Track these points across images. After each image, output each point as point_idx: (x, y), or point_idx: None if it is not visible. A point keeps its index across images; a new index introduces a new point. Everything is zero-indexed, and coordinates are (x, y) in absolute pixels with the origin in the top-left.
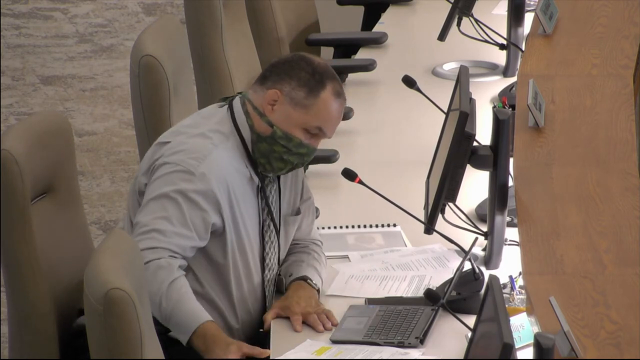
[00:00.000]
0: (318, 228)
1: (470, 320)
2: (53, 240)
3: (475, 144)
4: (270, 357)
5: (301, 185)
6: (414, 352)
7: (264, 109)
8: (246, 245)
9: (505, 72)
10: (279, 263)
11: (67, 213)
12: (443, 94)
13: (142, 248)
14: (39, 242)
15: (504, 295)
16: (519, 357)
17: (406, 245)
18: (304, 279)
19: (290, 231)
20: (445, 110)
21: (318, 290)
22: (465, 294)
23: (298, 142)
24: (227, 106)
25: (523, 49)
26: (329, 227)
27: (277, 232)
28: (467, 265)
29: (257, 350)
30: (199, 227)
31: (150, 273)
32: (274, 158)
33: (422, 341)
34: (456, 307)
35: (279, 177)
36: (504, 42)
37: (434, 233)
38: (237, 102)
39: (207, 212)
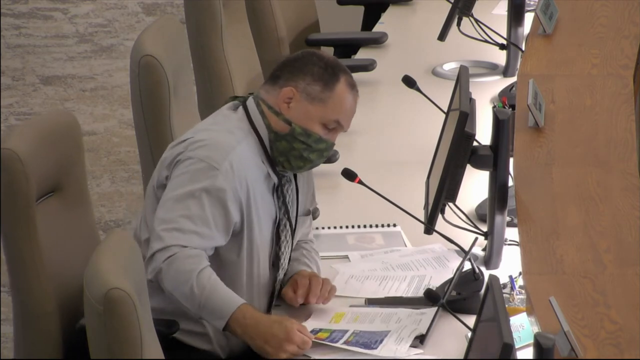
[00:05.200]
0: (317, 228)
1: (470, 320)
2: (59, 240)
3: (475, 144)
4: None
5: (312, 187)
6: (429, 312)
7: (280, 108)
8: (259, 243)
9: (505, 72)
10: (288, 262)
11: (74, 212)
12: (443, 94)
13: (163, 246)
14: (44, 241)
15: (504, 295)
16: (519, 357)
17: (406, 245)
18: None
19: (299, 232)
20: (445, 110)
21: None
22: (465, 294)
23: (317, 138)
24: (241, 107)
25: (523, 49)
26: (329, 227)
27: (293, 232)
28: (467, 265)
29: (305, 331)
30: (221, 226)
31: (178, 262)
32: (293, 156)
33: (422, 341)
34: (456, 307)
35: (295, 177)
36: (504, 42)
37: (434, 233)
38: (251, 103)
39: (230, 210)
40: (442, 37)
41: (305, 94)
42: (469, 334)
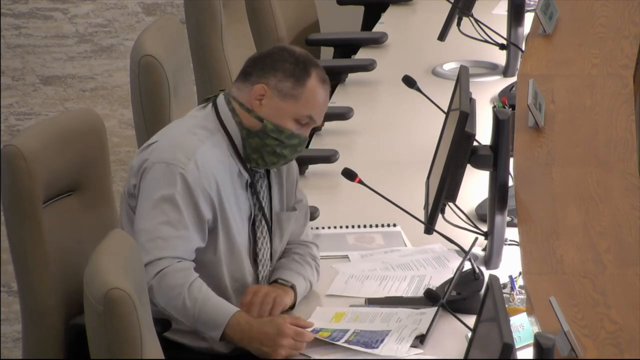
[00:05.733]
0: (318, 228)
1: (470, 320)
2: (77, 239)
3: (475, 144)
4: None
5: (295, 184)
6: (429, 312)
7: (252, 105)
8: (237, 240)
9: (505, 72)
10: (271, 259)
11: (95, 212)
12: (443, 94)
13: (150, 259)
14: (56, 240)
15: (504, 295)
16: (519, 357)
17: (406, 245)
18: (275, 280)
19: (284, 227)
20: (445, 110)
21: (292, 287)
22: (465, 294)
23: (289, 134)
24: (210, 104)
25: (523, 49)
26: (329, 227)
27: (269, 228)
28: (467, 265)
29: (301, 321)
30: (198, 227)
31: (168, 278)
32: (266, 152)
33: (422, 341)
34: (456, 307)
35: (268, 174)
36: (504, 42)
37: (434, 233)
38: (221, 100)
39: (201, 209)
40: (442, 37)
41: (276, 90)
42: (469, 334)
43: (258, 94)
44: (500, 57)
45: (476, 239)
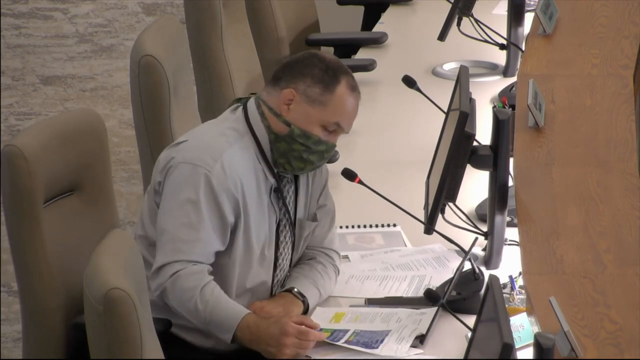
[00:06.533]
0: None
1: (470, 320)
2: (76, 238)
3: (475, 144)
4: None
5: (320, 190)
6: (429, 312)
7: (280, 109)
8: (254, 243)
9: (505, 72)
10: (290, 265)
11: (95, 212)
12: (443, 94)
13: (167, 261)
14: (57, 239)
15: (504, 295)
16: (519, 357)
17: (406, 245)
18: (290, 290)
19: (303, 236)
20: (445, 110)
21: (303, 301)
22: (465, 294)
23: (316, 140)
24: (241, 107)
25: (523, 49)
26: None
27: (293, 234)
28: (467, 265)
29: (307, 321)
30: (219, 230)
31: (182, 280)
32: (293, 157)
33: (422, 341)
34: (456, 307)
35: (296, 180)
36: (504, 42)
37: (434, 233)
38: (251, 103)
39: (224, 212)
40: (442, 37)
41: (305, 96)
42: (469, 334)
43: (287, 98)
44: (500, 57)
45: (476, 239)
